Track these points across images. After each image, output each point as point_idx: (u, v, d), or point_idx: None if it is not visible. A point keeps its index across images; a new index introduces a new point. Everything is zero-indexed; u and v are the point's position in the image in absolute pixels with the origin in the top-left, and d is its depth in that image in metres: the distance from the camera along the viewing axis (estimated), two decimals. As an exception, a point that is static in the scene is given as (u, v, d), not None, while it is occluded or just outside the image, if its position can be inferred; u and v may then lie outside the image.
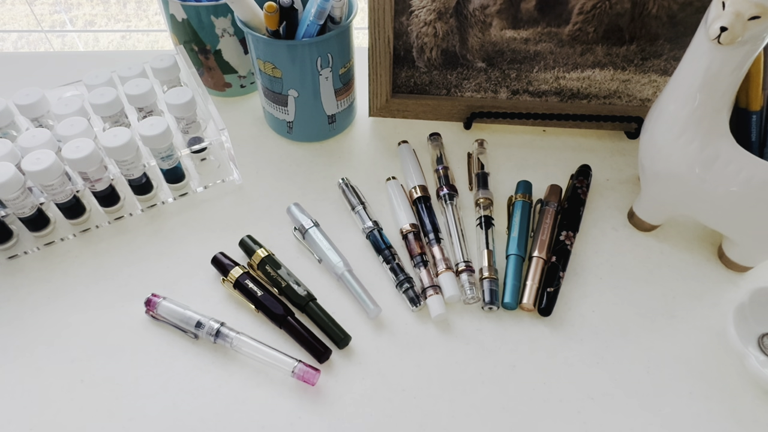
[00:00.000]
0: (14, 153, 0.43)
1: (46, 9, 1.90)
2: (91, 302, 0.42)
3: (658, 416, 0.36)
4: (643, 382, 0.38)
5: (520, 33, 0.49)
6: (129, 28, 1.89)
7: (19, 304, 0.42)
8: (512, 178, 0.49)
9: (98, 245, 0.46)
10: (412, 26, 0.49)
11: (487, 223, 0.45)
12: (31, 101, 0.46)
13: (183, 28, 0.53)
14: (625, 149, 0.53)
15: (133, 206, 0.48)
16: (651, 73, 0.50)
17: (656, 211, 0.44)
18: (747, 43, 0.33)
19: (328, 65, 0.47)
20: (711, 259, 0.44)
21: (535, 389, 0.37)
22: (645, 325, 0.40)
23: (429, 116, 0.55)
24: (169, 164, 0.47)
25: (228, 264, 0.42)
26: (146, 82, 0.48)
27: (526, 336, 0.40)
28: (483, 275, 0.42)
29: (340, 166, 0.52)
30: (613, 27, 0.47)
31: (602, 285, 0.43)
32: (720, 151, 0.36)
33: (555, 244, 0.44)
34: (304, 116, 0.51)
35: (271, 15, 0.44)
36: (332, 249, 0.44)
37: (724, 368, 0.38)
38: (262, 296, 0.40)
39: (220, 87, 0.58)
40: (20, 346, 0.40)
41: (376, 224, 0.45)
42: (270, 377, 0.38)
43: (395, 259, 0.43)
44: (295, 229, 0.46)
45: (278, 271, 0.42)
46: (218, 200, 0.49)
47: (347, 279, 0.42)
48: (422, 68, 0.52)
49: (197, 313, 0.40)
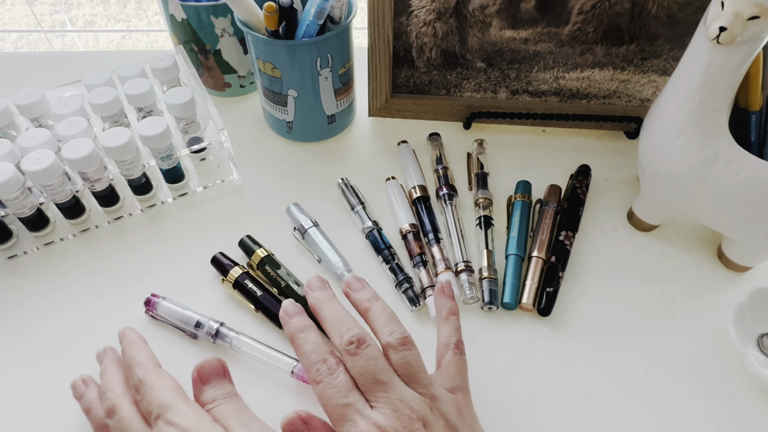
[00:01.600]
0: (14, 153, 0.43)
1: (46, 9, 1.90)
2: (90, 302, 0.42)
3: (658, 416, 0.36)
4: (642, 382, 0.38)
5: (520, 33, 0.49)
6: (129, 28, 1.89)
7: (18, 304, 0.42)
8: (512, 178, 0.49)
9: (98, 245, 0.46)
10: (412, 26, 0.49)
11: (487, 223, 0.45)
12: (31, 101, 0.46)
13: (183, 28, 0.53)
14: (624, 149, 0.53)
15: (132, 206, 0.48)
16: (650, 73, 0.50)
17: (656, 211, 0.44)
18: (746, 43, 0.33)
19: (327, 65, 0.47)
20: (711, 259, 0.44)
21: (535, 389, 0.37)
22: (644, 325, 0.40)
23: (428, 116, 0.55)
24: (168, 164, 0.47)
25: (227, 264, 0.42)
26: (146, 82, 0.48)
27: (525, 336, 0.40)
28: (482, 275, 0.42)
29: (340, 166, 0.52)
30: (612, 27, 0.47)
31: (602, 285, 0.43)
32: (719, 151, 0.36)
33: (554, 244, 0.44)
34: (304, 116, 0.51)
35: (270, 15, 0.44)
36: (332, 249, 0.44)
37: (723, 368, 0.38)
38: (262, 296, 0.40)
39: (220, 87, 0.58)
40: (20, 346, 0.40)
41: (376, 224, 0.45)
42: (269, 377, 0.38)
43: (395, 259, 0.43)
44: (295, 229, 0.46)
45: (278, 271, 0.42)
46: (218, 200, 0.49)
47: (347, 279, 0.42)
48: (422, 68, 0.52)
49: (197, 313, 0.40)
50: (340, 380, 0.29)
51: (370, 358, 0.29)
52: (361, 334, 0.30)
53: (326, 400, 0.29)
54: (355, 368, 0.29)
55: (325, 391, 0.29)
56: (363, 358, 0.29)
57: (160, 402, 0.29)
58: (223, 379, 0.32)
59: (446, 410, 0.29)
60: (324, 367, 0.30)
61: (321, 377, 0.29)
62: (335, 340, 0.31)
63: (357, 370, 0.29)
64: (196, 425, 0.29)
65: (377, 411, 0.28)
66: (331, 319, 0.32)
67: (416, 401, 0.29)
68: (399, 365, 0.30)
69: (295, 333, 0.32)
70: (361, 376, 0.29)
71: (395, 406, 0.28)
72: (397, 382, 0.29)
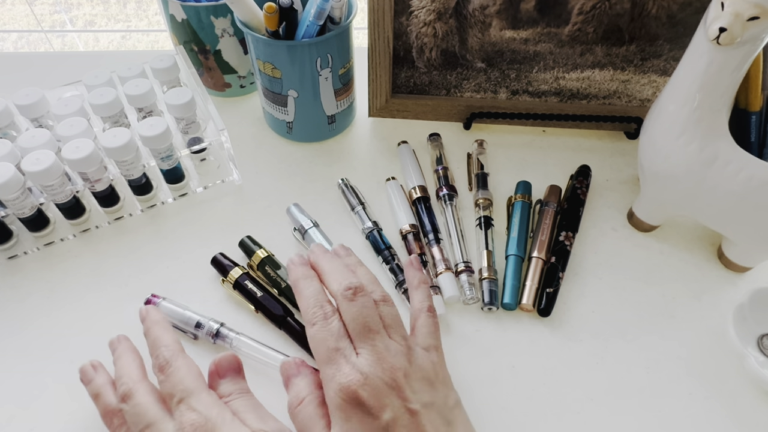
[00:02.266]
0: (14, 153, 0.43)
1: (46, 9, 1.90)
2: (90, 302, 0.42)
3: (658, 417, 0.36)
4: (642, 382, 0.38)
5: (520, 33, 0.49)
6: (129, 28, 1.89)
7: (18, 304, 0.42)
8: (512, 179, 0.49)
9: (98, 245, 0.46)
10: (412, 26, 0.49)
11: (487, 224, 0.45)
12: (31, 101, 0.46)
13: (183, 29, 0.53)
14: (624, 149, 0.53)
15: (132, 206, 0.48)
16: (650, 74, 0.50)
17: (656, 211, 0.44)
18: (746, 44, 0.33)
19: (327, 65, 0.47)
20: (711, 259, 0.44)
21: (534, 389, 0.37)
22: (644, 326, 0.40)
23: (429, 116, 0.55)
24: (168, 164, 0.47)
25: (228, 264, 0.42)
26: (146, 82, 0.48)
27: (525, 336, 0.40)
28: (482, 276, 0.42)
29: (340, 166, 0.52)
30: (612, 27, 0.47)
31: (601, 285, 0.43)
32: (719, 151, 0.36)
33: (554, 245, 0.44)
34: (304, 116, 0.51)
35: (270, 15, 0.44)
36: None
37: (723, 369, 0.38)
38: (262, 297, 0.41)
39: (220, 87, 0.58)
40: (20, 346, 0.40)
41: (376, 224, 0.45)
42: (270, 377, 0.38)
43: (395, 259, 0.43)
44: (295, 229, 0.46)
45: (278, 272, 0.42)
46: (218, 200, 0.49)
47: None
48: (422, 68, 0.52)
49: (197, 314, 0.40)
50: (334, 326, 0.31)
51: (365, 306, 0.32)
52: (360, 284, 0.32)
53: (317, 342, 0.31)
54: (349, 313, 0.31)
55: (317, 333, 0.31)
56: (358, 305, 0.32)
57: (185, 386, 0.30)
58: (238, 375, 0.34)
59: (422, 364, 0.31)
60: (320, 312, 0.32)
61: (316, 320, 0.31)
62: (333, 287, 0.33)
63: (350, 315, 0.31)
64: (217, 416, 0.29)
65: (362, 358, 0.30)
66: (331, 270, 0.34)
67: (399, 352, 0.31)
68: (385, 317, 0.32)
69: (298, 279, 0.34)
70: (353, 321, 0.31)
71: (380, 354, 0.30)
72: (384, 333, 0.31)
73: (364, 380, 0.29)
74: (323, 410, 0.30)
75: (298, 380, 0.32)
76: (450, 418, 0.30)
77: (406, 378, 0.30)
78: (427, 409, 0.29)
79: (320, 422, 0.29)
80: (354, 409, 0.28)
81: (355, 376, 0.29)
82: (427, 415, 0.29)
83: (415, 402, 0.29)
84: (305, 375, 0.32)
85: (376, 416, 0.28)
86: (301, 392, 0.31)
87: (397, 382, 0.29)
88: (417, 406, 0.29)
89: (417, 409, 0.29)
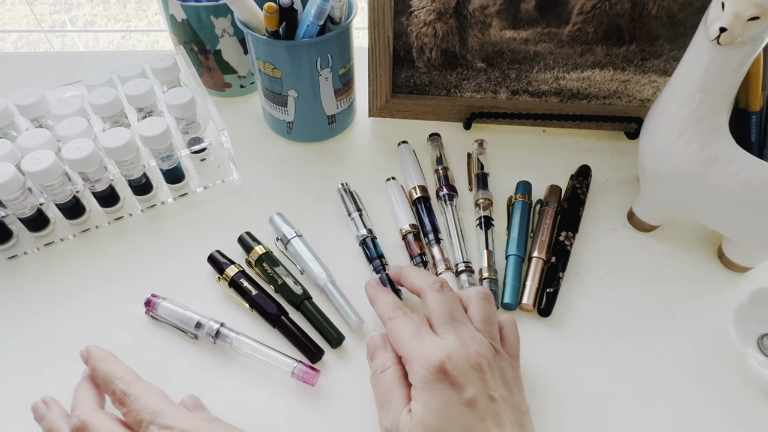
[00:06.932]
0: (14, 153, 0.43)
1: (46, 9, 1.90)
2: (90, 302, 0.42)
3: (658, 417, 0.36)
4: (642, 382, 0.38)
5: (520, 33, 0.49)
6: (129, 28, 1.89)
7: (18, 304, 0.42)
8: (512, 179, 0.49)
9: (98, 245, 0.46)
10: (412, 26, 0.49)
11: (487, 224, 0.45)
12: (31, 101, 0.46)
13: (183, 29, 0.53)
14: (624, 149, 0.53)
15: (132, 206, 0.48)
16: (651, 74, 0.50)
17: (656, 211, 0.44)
18: (746, 44, 0.33)
19: (327, 66, 0.47)
20: (711, 259, 0.44)
21: (534, 389, 0.37)
22: (644, 326, 0.40)
23: (429, 116, 0.55)
24: (168, 164, 0.47)
25: (224, 262, 0.42)
26: (146, 82, 0.48)
27: (525, 336, 0.40)
28: (483, 276, 0.42)
29: (340, 166, 0.52)
30: (612, 27, 0.47)
31: (602, 285, 0.43)
32: (719, 151, 0.36)
33: (554, 245, 0.44)
34: (304, 116, 0.51)
35: (270, 15, 0.44)
36: (315, 260, 0.43)
37: (723, 369, 0.38)
38: (257, 295, 0.40)
39: (220, 87, 0.58)
40: (20, 346, 0.40)
41: (371, 232, 0.45)
42: (269, 378, 0.38)
43: (385, 269, 0.42)
44: (278, 239, 0.45)
45: (275, 269, 0.42)
46: (218, 200, 0.49)
47: (329, 290, 0.41)
48: (422, 68, 0.52)
49: (197, 314, 0.40)
50: (414, 318, 0.32)
51: (450, 298, 0.32)
52: (447, 283, 0.34)
53: (399, 328, 0.32)
54: (435, 302, 0.32)
55: (399, 323, 0.32)
56: (444, 296, 0.32)
57: (151, 409, 0.30)
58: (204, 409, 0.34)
59: (504, 366, 0.31)
60: (400, 312, 0.33)
61: (396, 315, 0.32)
62: (421, 284, 0.34)
63: (436, 304, 0.32)
64: (193, 425, 0.29)
65: (447, 339, 0.30)
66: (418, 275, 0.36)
67: (485, 344, 0.31)
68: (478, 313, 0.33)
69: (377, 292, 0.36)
70: (439, 308, 0.31)
71: (464, 339, 0.30)
72: (469, 324, 0.31)
73: (450, 355, 0.29)
74: (405, 381, 0.30)
75: (385, 352, 0.32)
76: (522, 422, 0.30)
77: (489, 368, 0.30)
78: (506, 402, 0.30)
79: (402, 391, 0.30)
80: (438, 381, 0.29)
81: (441, 350, 0.29)
82: (505, 408, 0.29)
83: (495, 391, 0.29)
84: (391, 350, 0.32)
85: (459, 390, 0.28)
86: (387, 362, 0.32)
87: (481, 366, 0.29)
88: (497, 395, 0.29)
89: (497, 398, 0.29)
